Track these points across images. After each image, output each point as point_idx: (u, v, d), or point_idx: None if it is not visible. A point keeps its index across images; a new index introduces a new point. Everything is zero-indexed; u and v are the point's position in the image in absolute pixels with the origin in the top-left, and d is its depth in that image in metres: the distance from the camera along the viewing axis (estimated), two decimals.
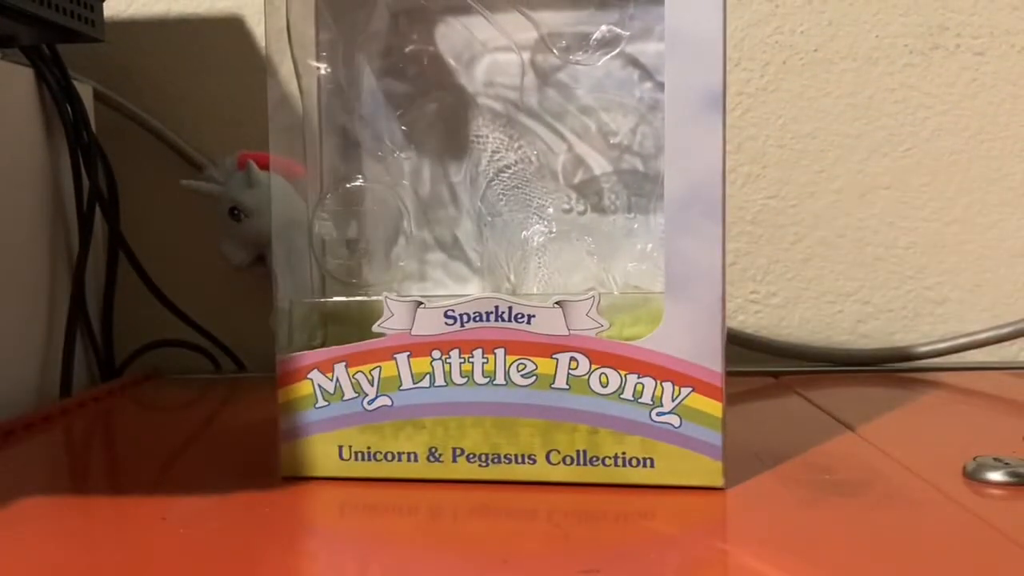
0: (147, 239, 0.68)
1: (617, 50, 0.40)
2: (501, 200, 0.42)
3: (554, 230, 0.42)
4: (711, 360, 0.36)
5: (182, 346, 0.68)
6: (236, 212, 0.57)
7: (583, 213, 0.42)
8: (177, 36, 0.69)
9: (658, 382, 0.36)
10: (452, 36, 0.42)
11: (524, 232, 0.42)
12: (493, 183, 0.42)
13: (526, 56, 0.41)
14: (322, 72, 0.42)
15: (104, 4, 0.56)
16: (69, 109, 0.60)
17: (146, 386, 0.62)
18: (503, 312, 0.37)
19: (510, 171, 0.42)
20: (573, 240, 0.41)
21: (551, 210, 0.42)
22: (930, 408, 0.51)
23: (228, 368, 0.69)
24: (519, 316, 0.37)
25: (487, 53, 0.42)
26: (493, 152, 0.42)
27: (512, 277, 0.42)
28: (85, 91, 0.63)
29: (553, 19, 0.41)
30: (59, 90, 0.59)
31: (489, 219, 0.42)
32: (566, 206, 0.42)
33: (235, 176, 0.58)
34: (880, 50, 0.65)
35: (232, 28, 0.69)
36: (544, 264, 0.42)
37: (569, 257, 0.42)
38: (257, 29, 0.69)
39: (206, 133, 0.69)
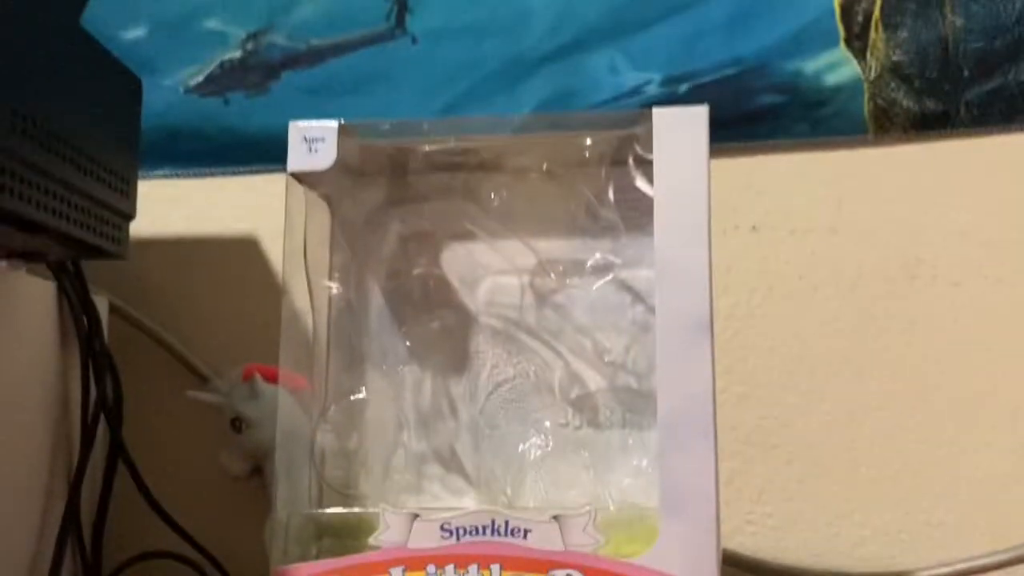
0: (148, 448, 0.68)
1: (610, 276, 0.43)
2: (499, 413, 0.44)
3: (551, 444, 0.43)
4: None
5: (171, 558, 0.66)
6: (238, 423, 0.58)
7: (579, 428, 0.43)
8: (194, 254, 0.73)
9: None
10: (456, 260, 0.45)
11: (521, 445, 0.43)
12: (492, 396, 0.44)
13: (525, 279, 0.44)
14: (334, 291, 0.45)
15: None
16: (86, 321, 0.62)
17: None
18: (499, 526, 0.37)
19: (508, 385, 0.44)
20: (569, 454, 0.42)
21: (548, 424, 0.43)
22: None
23: None
24: (515, 531, 0.37)
25: (489, 276, 0.44)
26: (492, 367, 0.44)
27: (508, 490, 0.42)
28: (101, 303, 0.66)
29: (550, 246, 0.44)
30: (78, 302, 0.62)
31: (487, 432, 0.43)
32: (562, 421, 0.43)
33: (239, 387, 0.59)
34: (863, 279, 0.69)
35: (248, 249, 0.73)
36: (540, 478, 0.43)
37: (565, 471, 0.42)
38: (271, 250, 0.72)
39: (215, 347, 0.71)
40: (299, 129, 0.42)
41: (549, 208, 0.44)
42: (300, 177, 0.42)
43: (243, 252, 0.73)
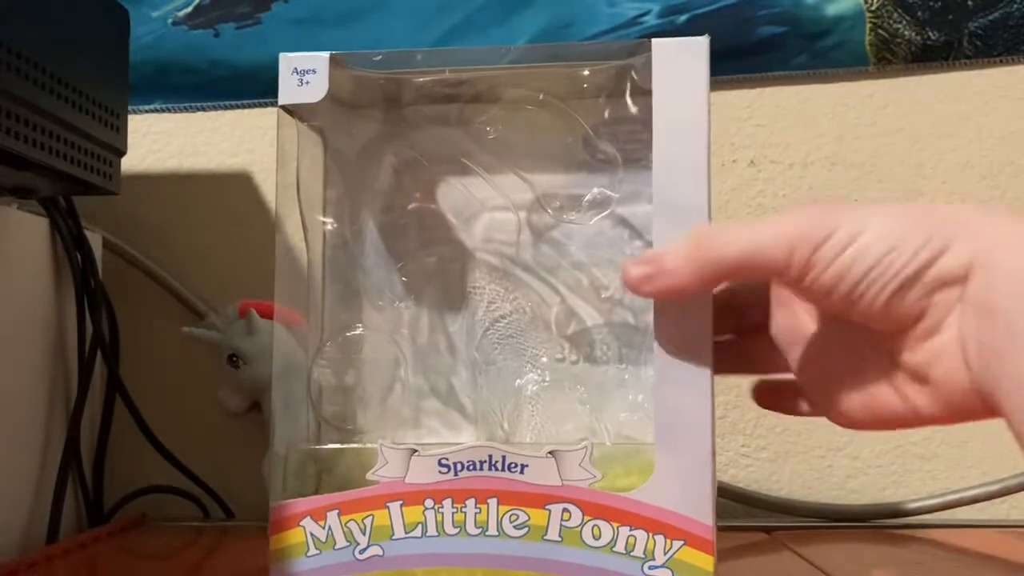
0: (145, 384, 0.68)
1: (608, 211, 0.42)
2: (496, 349, 0.43)
3: (547, 379, 0.43)
4: (702, 513, 0.36)
5: (172, 492, 0.67)
6: (235, 359, 0.58)
7: (576, 363, 0.43)
8: (187, 189, 0.72)
9: (650, 535, 0.36)
10: (452, 195, 0.44)
11: (518, 380, 0.43)
12: (489, 332, 0.43)
13: (522, 215, 0.43)
14: (328, 226, 0.44)
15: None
16: (79, 257, 0.62)
17: (133, 533, 0.62)
18: (496, 461, 0.37)
19: (505, 321, 0.43)
20: (566, 389, 0.42)
21: (544, 359, 0.43)
22: (921, 565, 0.51)
23: (216, 515, 0.68)
24: (512, 465, 0.37)
25: (485, 211, 0.44)
26: (489, 303, 0.44)
27: (506, 425, 0.43)
28: (95, 240, 0.65)
29: (547, 180, 0.43)
30: (70, 239, 0.62)
31: (484, 367, 0.43)
32: (559, 356, 0.43)
33: (236, 324, 0.59)
34: None
35: (241, 184, 0.72)
36: (537, 412, 0.43)
37: (562, 406, 0.42)
38: (265, 185, 0.72)
39: (209, 282, 0.71)
40: (289, 61, 0.41)
41: (546, 141, 0.43)
42: (292, 110, 0.42)
43: (236, 186, 0.72)
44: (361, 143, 0.45)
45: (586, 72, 0.41)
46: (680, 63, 0.37)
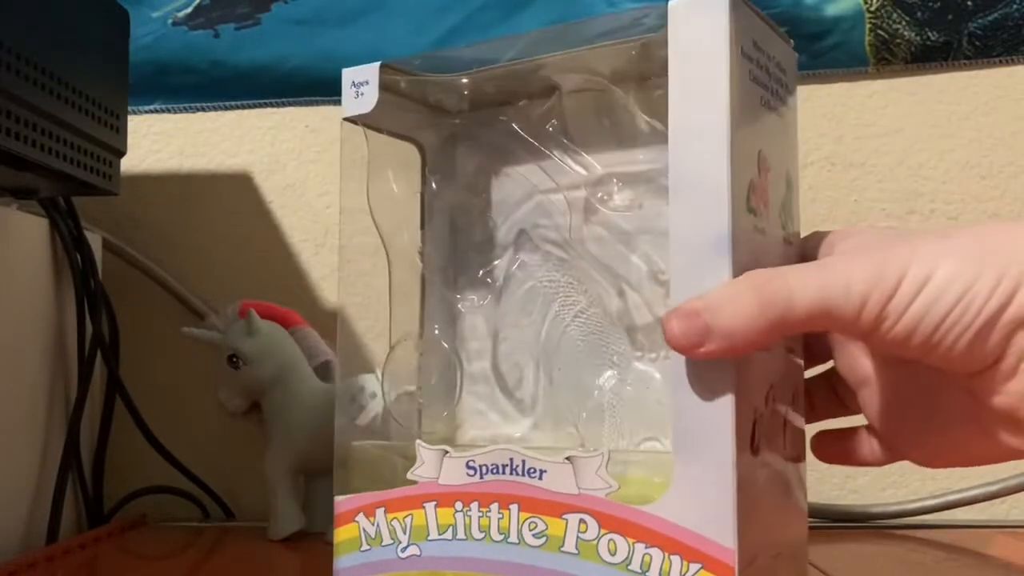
0: (145, 384, 0.69)
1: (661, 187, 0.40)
2: (577, 346, 0.42)
3: (629, 379, 0.41)
4: (722, 533, 0.32)
5: (172, 492, 0.67)
6: (235, 359, 0.58)
7: (654, 360, 0.41)
8: (187, 190, 0.72)
9: (666, 555, 0.33)
10: (517, 188, 0.43)
11: (598, 380, 0.41)
12: (569, 328, 0.42)
13: (582, 201, 0.42)
14: (401, 227, 0.44)
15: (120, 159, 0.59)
16: (79, 257, 0.62)
17: (133, 533, 0.62)
18: (517, 465, 0.36)
19: (584, 316, 0.42)
20: (643, 389, 0.40)
21: (628, 359, 0.41)
22: (921, 565, 0.51)
23: (216, 516, 0.68)
24: (531, 470, 0.36)
25: (544, 201, 0.43)
26: (566, 297, 0.42)
27: (580, 426, 0.41)
28: (95, 240, 0.65)
29: (605, 165, 0.41)
30: (70, 239, 0.62)
31: (561, 366, 0.42)
32: (638, 353, 0.41)
33: (236, 324, 0.59)
34: (858, 214, 0.69)
35: (241, 184, 0.72)
36: (616, 413, 0.41)
37: (639, 407, 0.40)
38: (265, 185, 0.72)
39: (209, 282, 0.71)
40: (348, 75, 0.41)
41: (600, 124, 0.41)
42: (357, 120, 0.42)
43: (236, 186, 0.72)
44: (435, 148, 0.45)
45: (634, 52, 0.39)
46: (696, 22, 0.34)
